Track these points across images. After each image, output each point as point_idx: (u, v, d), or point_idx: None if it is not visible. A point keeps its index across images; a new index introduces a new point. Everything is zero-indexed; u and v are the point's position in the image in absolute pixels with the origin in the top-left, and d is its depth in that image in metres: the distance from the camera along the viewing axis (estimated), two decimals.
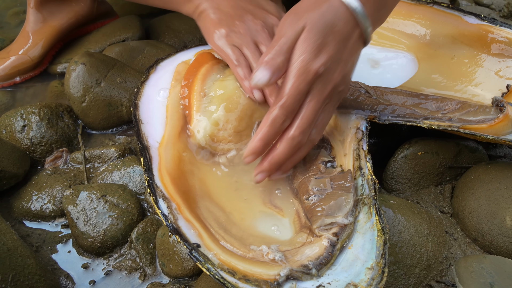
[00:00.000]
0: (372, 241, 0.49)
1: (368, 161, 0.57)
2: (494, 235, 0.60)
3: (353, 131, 0.62)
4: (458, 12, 0.78)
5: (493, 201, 0.61)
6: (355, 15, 0.53)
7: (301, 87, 0.52)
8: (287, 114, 0.53)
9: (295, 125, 0.54)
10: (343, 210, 0.51)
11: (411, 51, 0.80)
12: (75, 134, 0.78)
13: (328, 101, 0.55)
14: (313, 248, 0.48)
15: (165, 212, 0.52)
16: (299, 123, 0.53)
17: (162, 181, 0.56)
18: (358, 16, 0.54)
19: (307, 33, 0.52)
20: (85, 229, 0.62)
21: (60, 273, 0.61)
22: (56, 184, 0.69)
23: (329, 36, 0.53)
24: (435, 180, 0.69)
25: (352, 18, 0.54)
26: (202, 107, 0.63)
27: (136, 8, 1.12)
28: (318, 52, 0.52)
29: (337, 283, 0.45)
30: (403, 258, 0.57)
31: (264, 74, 0.52)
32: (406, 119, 0.62)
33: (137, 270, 0.61)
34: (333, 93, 0.55)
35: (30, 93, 0.89)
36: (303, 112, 0.53)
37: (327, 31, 0.52)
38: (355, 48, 0.56)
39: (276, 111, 0.53)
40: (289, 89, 0.52)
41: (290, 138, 0.54)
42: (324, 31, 0.52)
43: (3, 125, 0.74)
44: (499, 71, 0.72)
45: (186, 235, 0.50)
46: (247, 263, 0.47)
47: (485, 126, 0.60)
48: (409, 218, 0.59)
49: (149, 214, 0.67)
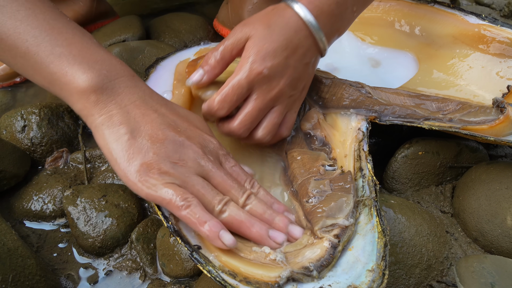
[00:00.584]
0: (372, 243, 0.49)
1: (368, 162, 0.57)
2: (495, 235, 0.60)
3: (354, 132, 0.62)
4: (459, 11, 0.77)
5: (494, 201, 0.61)
6: (307, 25, 0.56)
7: (241, 82, 0.55)
8: (223, 104, 0.56)
9: (237, 119, 0.57)
10: (343, 211, 0.51)
11: (411, 51, 0.80)
12: (76, 134, 0.78)
13: (274, 103, 0.58)
14: (314, 250, 0.48)
15: (166, 213, 0.52)
16: (241, 117, 0.57)
17: None
18: (310, 27, 0.56)
19: (254, 40, 0.55)
20: (85, 229, 0.62)
21: (60, 274, 0.61)
22: (56, 184, 0.69)
23: (276, 43, 0.55)
24: (435, 180, 0.69)
25: (303, 28, 0.56)
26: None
27: (136, 8, 1.13)
28: (264, 55, 0.54)
29: (338, 285, 0.45)
30: (404, 258, 0.57)
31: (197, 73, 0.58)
32: (407, 119, 0.62)
33: (138, 270, 0.61)
34: (279, 96, 0.57)
35: (31, 93, 0.89)
36: (246, 108, 0.57)
37: (274, 39, 0.55)
38: (308, 56, 0.57)
39: (214, 98, 0.56)
40: (231, 82, 0.55)
41: (230, 130, 0.58)
42: (271, 38, 0.55)
43: (3, 125, 0.74)
44: (499, 72, 0.72)
45: (187, 237, 0.49)
46: (248, 265, 0.47)
47: (485, 127, 0.60)
48: (409, 218, 0.59)
49: (149, 214, 0.67)
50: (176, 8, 1.13)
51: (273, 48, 0.55)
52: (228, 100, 0.56)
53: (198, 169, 0.50)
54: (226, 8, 0.98)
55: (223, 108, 0.56)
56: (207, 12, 1.10)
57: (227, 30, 0.98)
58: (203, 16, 1.04)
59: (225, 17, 0.98)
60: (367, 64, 0.81)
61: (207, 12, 1.10)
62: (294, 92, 0.59)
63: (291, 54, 0.56)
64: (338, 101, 0.65)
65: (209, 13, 1.09)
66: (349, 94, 0.64)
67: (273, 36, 0.55)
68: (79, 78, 0.49)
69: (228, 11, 0.97)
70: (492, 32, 0.73)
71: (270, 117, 0.59)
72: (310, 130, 0.64)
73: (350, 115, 0.64)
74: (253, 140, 0.60)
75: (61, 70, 0.49)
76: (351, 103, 0.64)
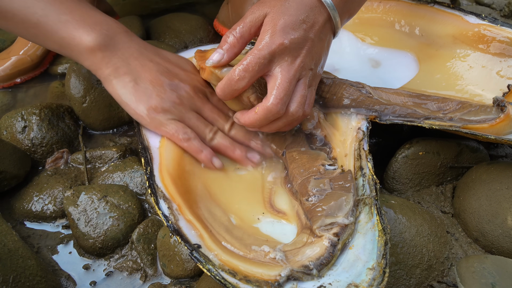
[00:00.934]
0: (373, 241, 0.49)
1: (369, 161, 0.57)
2: (496, 235, 0.60)
3: (354, 131, 0.62)
4: (459, 11, 0.77)
5: (495, 201, 0.61)
6: (322, 2, 0.57)
7: (263, 53, 0.54)
8: (244, 73, 0.55)
9: (271, 95, 0.55)
10: (343, 210, 0.51)
11: (412, 51, 0.80)
12: (76, 134, 0.78)
13: (300, 76, 0.57)
14: (313, 249, 0.48)
15: (166, 212, 0.52)
16: (274, 92, 0.55)
17: (163, 182, 0.56)
18: (325, 4, 0.57)
19: (272, 15, 0.56)
20: (86, 230, 0.62)
21: (61, 274, 0.61)
22: (57, 185, 0.69)
23: (294, 17, 0.55)
24: (436, 180, 0.69)
25: (318, 5, 0.57)
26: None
27: (136, 9, 1.13)
28: (283, 28, 0.55)
29: (338, 283, 0.45)
30: (404, 258, 0.57)
31: (217, 52, 0.58)
32: (407, 119, 0.62)
33: (138, 271, 0.61)
34: (303, 68, 0.57)
35: (31, 94, 0.89)
36: (277, 82, 0.55)
37: (292, 13, 0.55)
38: (323, 32, 0.58)
39: (235, 69, 0.55)
40: (252, 52, 0.54)
41: (266, 110, 0.55)
42: (289, 12, 0.55)
43: (4, 126, 0.74)
44: (500, 71, 0.72)
45: (187, 236, 0.49)
46: (248, 263, 0.47)
47: (486, 125, 0.60)
48: (410, 219, 0.59)
49: (150, 214, 0.67)
50: (176, 8, 1.13)
51: (292, 21, 0.55)
52: (249, 70, 0.54)
53: (192, 106, 0.63)
54: (226, 8, 0.98)
55: (244, 78, 0.55)
56: (207, 12, 1.10)
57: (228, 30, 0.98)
58: (204, 16, 1.04)
59: (226, 17, 0.98)
60: (367, 65, 0.81)
61: (207, 12, 1.10)
62: (314, 66, 0.59)
63: (309, 28, 0.56)
64: (339, 100, 0.65)
65: (209, 13, 1.09)
66: (349, 94, 0.64)
67: (290, 11, 0.55)
68: (85, 39, 0.59)
69: (228, 11, 0.97)
70: (492, 32, 0.73)
71: (299, 89, 0.57)
72: (311, 129, 0.64)
73: (350, 114, 0.64)
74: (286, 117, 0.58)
75: (69, 35, 0.59)
76: (351, 103, 0.64)
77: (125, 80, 0.61)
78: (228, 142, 0.63)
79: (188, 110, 0.62)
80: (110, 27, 0.62)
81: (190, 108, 0.62)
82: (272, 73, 0.56)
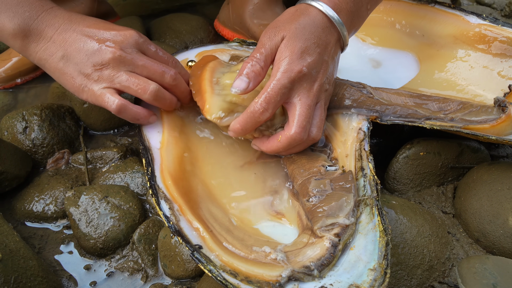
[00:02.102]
0: (374, 242, 0.49)
1: (370, 161, 0.57)
2: (497, 235, 0.60)
3: (355, 132, 0.62)
4: (460, 12, 0.77)
5: (496, 201, 0.61)
6: (332, 21, 0.58)
7: (284, 82, 0.55)
8: (267, 105, 0.55)
9: (293, 124, 0.56)
10: (344, 210, 0.51)
11: (412, 52, 0.80)
12: (77, 135, 0.78)
13: (318, 99, 0.59)
14: (314, 249, 0.48)
15: (167, 213, 0.52)
16: (296, 120, 0.56)
17: (164, 182, 0.56)
18: (334, 23, 0.59)
19: (288, 40, 0.57)
20: (87, 231, 0.62)
21: (62, 275, 0.61)
22: (57, 185, 0.69)
23: (309, 41, 0.57)
24: (437, 181, 0.69)
25: (329, 25, 0.59)
26: (216, 91, 0.62)
27: (137, 9, 1.13)
28: (300, 54, 0.56)
29: (339, 284, 0.45)
30: (406, 259, 0.57)
31: (242, 81, 0.56)
32: (408, 119, 0.62)
33: (139, 271, 0.61)
34: (320, 91, 0.58)
35: (32, 94, 0.89)
36: (298, 111, 0.56)
37: (307, 37, 0.57)
38: (335, 51, 0.61)
39: (257, 101, 0.55)
40: (272, 83, 0.55)
41: (290, 139, 0.57)
42: (304, 37, 0.57)
43: (5, 127, 0.74)
44: (501, 71, 0.72)
45: (188, 237, 0.50)
46: (249, 264, 0.47)
47: (487, 126, 0.60)
48: (411, 219, 0.59)
49: (151, 215, 0.67)
50: (177, 8, 1.13)
51: (307, 46, 0.56)
52: (272, 101, 0.55)
53: (122, 67, 0.60)
54: (227, 9, 0.98)
55: (267, 110, 0.55)
56: (207, 13, 1.10)
57: (228, 31, 0.98)
58: (204, 16, 1.05)
59: (226, 18, 0.98)
60: (368, 65, 0.81)
61: (207, 13, 1.10)
62: (329, 87, 0.60)
63: (323, 50, 0.58)
64: (340, 101, 0.65)
65: (210, 13, 1.09)
66: (350, 94, 0.64)
67: (305, 34, 0.57)
68: (8, 26, 0.59)
69: (229, 11, 0.97)
70: (493, 32, 0.73)
71: (318, 113, 0.59)
72: None
73: (351, 115, 0.64)
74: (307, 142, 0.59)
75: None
76: (352, 103, 0.64)
77: (54, 60, 0.60)
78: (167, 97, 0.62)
79: (118, 72, 0.59)
80: (32, 8, 0.60)
81: (121, 69, 0.60)
82: (292, 101, 0.57)
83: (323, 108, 0.60)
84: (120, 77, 0.59)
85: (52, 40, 0.60)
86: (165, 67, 0.61)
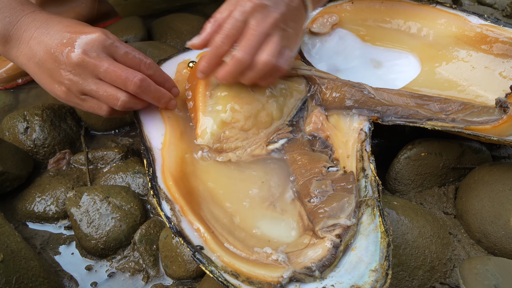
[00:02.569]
0: (375, 243, 0.49)
1: (371, 162, 0.57)
2: (498, 236, 0.60)
3: (356, 133, 0.62)
4: (461, 12, 0.77)
5: (497, 202, 0.61)
6: None
7: (237, 16, 0.57)
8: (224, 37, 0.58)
9: (239, 46, 0.58)
10: (345, 211, 0.51)
11: (414, 52, 0.80)
12: (78, 135, 0.78)
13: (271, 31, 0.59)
14: (316, 250, 0.48)
15: (168, 214, 0.52)
16: (243, 43, 0.58)
17: (165, 183, 0.56)
18: None
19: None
20: (88, 231, 0.62)
21: (63, 275, 0.61)
22: (59, 185, 0.69)
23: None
24: (438, 181, 0.69)
25: None
26: (208, 108, 0.63)
27: (138, 9, 1.13)
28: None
29: (340, 285, 0.45)
30: (407, 259, 0.57)
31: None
32: (409, 120, 0.62)
33: (140, 271, 0.61)
34: (274, 26, 0.59)
35: (33, 95, 0.89)
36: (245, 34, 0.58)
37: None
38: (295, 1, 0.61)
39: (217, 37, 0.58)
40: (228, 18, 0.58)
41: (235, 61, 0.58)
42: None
43: (6, 127, 0.74)
44: (502, 72, 0.72)
45: (189, 237, 0.49)
46: (250, 265, 0.47)
47: (488, 127, 0.60)
48: (412, 220, 0.59)
49: (152, 215, 0.67)
50: (178, 9, 1.13)
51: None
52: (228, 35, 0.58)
53: (87, 73, 0.59)
54: None
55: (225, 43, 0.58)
56: (208, 13, 1.10)
57: None
58: (205, 17, 1.05)
59: None
60: (369, 65, 0.81)
61: (208, 13, 1.10)
62: (288, 28, 0.61)
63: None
64: (341, 102, 0.65)
65: (210, 13, 1.07)
66: (351, 95, 0.64)
67: None
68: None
69: None
70: (494, 32, 0.73)
71: (270, 42, 0.59)
72: (313, 131, 0.64)
73: (352, 115, 0.63)
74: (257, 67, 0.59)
75: None
76: (353, 104, 0.64)
77: (31, 65, 0.61)
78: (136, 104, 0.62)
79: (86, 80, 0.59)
80: (12, 12, 0.61)
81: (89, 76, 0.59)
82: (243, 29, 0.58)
83: (276, 42, 0.59)
84: (88, 86, 0.59)
85: (29, 45, 0.61)
86: (129, 73, 0.59)
